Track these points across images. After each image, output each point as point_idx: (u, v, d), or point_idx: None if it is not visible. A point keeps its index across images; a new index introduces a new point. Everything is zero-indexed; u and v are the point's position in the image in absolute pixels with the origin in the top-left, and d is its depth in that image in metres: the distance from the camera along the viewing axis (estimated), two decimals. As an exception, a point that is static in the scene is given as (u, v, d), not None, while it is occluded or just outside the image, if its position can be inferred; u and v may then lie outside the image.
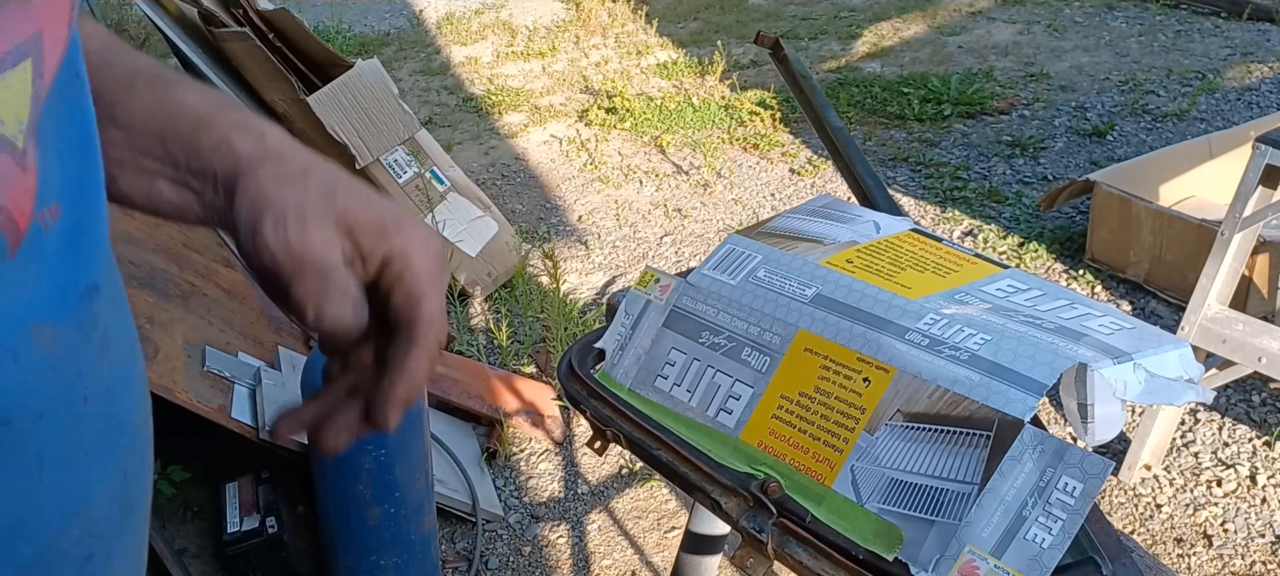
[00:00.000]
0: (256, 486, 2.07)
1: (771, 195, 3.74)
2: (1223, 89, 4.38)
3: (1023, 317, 0.68)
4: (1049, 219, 3.38)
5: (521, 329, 2.95)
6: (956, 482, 0.60)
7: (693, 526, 1.03)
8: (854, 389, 0.67)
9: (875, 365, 0.67)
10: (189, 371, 1.99)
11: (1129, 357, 0.63)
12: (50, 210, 0.44)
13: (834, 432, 0.66)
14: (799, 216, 0.86)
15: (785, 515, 0.64)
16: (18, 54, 0.41)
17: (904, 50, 5.13)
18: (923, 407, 0.64)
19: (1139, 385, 0.62)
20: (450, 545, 2.19)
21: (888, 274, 0.74)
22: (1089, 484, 0.56)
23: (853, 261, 0.77)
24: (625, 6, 5.88)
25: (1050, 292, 0.72)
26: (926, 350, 0.66)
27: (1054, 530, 0.55)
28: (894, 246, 0.79)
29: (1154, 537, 2.16)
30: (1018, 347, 0.64)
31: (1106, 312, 0.69)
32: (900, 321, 0.69)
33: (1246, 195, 2.00)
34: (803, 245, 0.80)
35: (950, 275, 0.75)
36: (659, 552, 2.17)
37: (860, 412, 0.66)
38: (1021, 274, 0.75)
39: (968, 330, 0.67)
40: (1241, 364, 2.09)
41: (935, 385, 0.64)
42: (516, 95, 4.81)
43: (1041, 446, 0.58)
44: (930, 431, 0.63)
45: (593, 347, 0.83)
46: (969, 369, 0.64)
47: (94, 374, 0.48)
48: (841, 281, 0.74)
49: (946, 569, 0.57)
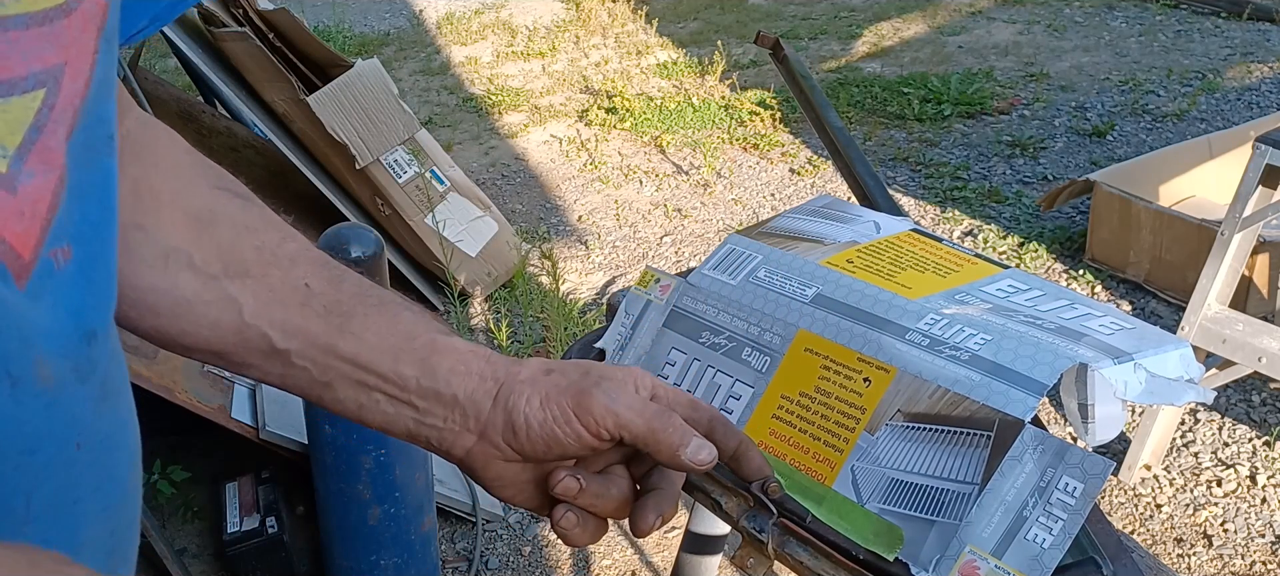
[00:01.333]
0: (256, 486, 2.07)
1: (771, 195, 3.74)
2: (1223, 89, 4.38)
3: (1023, 318, 0.68)
4: (1049, 219, 3.38)
5: (521, 329, 2.95)
6: (957, 482, 0.60)
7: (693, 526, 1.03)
8: (854, 389, 0.67)
9: (876, 365, 0.67)
10: (189, 371, 1.99)
11: (1130, 358, 0.63)
12: (63, 250, 0.44)
13: (834, 432, 0.66)
14: (799, 216, 0.86)
15: (785, 515, 0.64)
16: (33, 81, 0.41)
17: (904, 50, 5.13)
18: (923, 407, 0.64)
19: (1140, 385, 0.62)
20: (450, 545, 2.19)
21: (888, 274, 0.74)
22: (1090, 484, 0.56)
23: (853, 261, 0.77)
24: (625, 6, 5.88)
25: (1050, 293, 0.72)
26: (927, 350, 0.66)
27: (1055, 530, 0.56)
28: (894, 246, 0.79)
29: (1154, 537, 2.16)
30: (1018, 347, 0.64)
31: (1107, 313, 0.69)
32: (901, 321, 0.69)
33: (1246, 195, 2.00)
34: (803, 245, 0.80)
35: (951, 275, 0.75)
36: (659, 552, 2.17)
37: (860, 413, 0.66)
38: (1022, 274, 0.75)
39: (968, 330, 0.67)
40: (1241, 364, 2.09)
41: (936, 385, 0.64)
42: (516, 95, 4.81)
43: (1042, 446, 0.58)
44: (931, 431, 0.63)
45: (593, 347, 0.83)
46: (969, 369, 0.64)
47: (90, 422, 0.48)
48: (842, 281, 0.74)
49: (947, 569, 0.57)
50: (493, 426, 0.58)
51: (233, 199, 0.63)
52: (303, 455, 1.91)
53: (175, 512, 2.24)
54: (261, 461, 2.10)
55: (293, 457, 2.00)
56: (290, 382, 0.61)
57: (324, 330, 0.59)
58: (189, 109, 3.23)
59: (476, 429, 0.58)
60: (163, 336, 0.61)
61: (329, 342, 0.59)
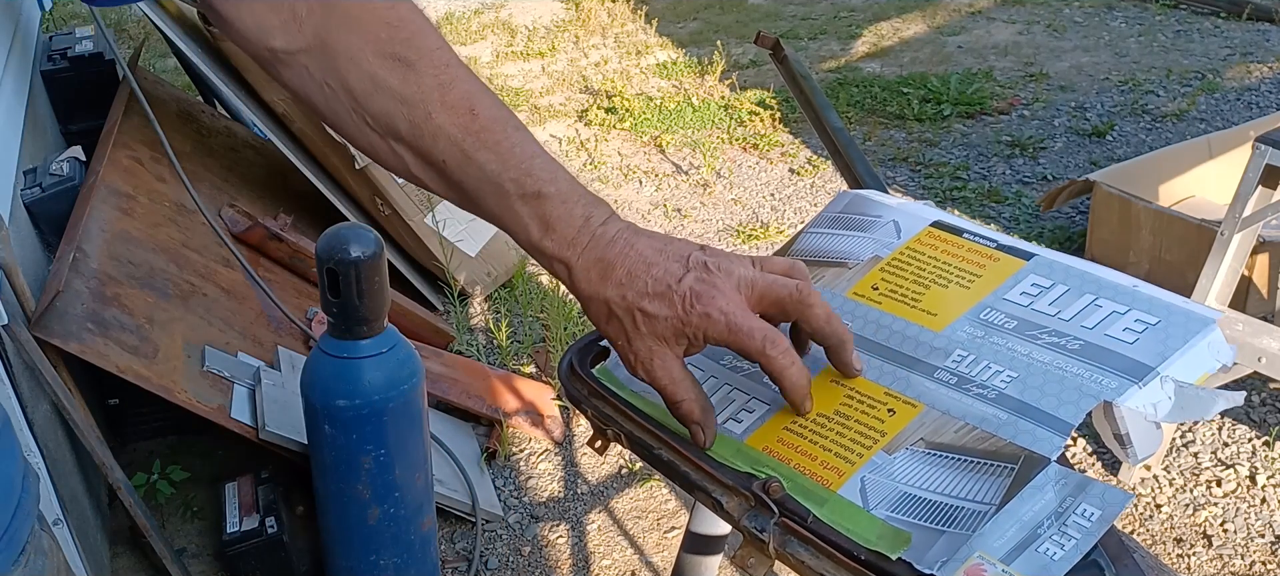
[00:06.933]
0: (256, 486, 2.07)
1: (771, 195, 3.74)
2: (1222, 89, 4.38)
3: (1048, 338, 0.68)
4: (1049, 219, 3.38)
5: (521, 329, 2.95)
6: (973, 503, 0.60)
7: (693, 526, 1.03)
8: (877, 416, 0.67)
9: (902, 399, 0.68)
10: (189, 371, 1.99)
11: (1155, 372, 0.63)
12: None
13: (848, 448, 0.66)
14: (821, 231, 0.86)
15: (787, 515, 0.64)
16: None
17: (904, 50, 5.13)
18: (947, 439, 0.64)
19: (1168, 401, 0.62)
20: (450, 545, 2.19)
21: (913, 298, 0.75)
22: (1108, 511, 0.57)
23: (878, 288, 0.77)
24: (625, 6, 5.88)
25: (1074, 287, 0.72)
26: (954, 388, 0.67)
27: (1066, 547, 0.56)
28: (917, 256, 0.79)
29: (1154, 537, 2.16)
30: (1044, 384, 0.65)
31: (1132, 304, 0.69)
32: (929, 360, 0.70)
33: (1246, 195, 2.00)
34: (829, 273, 0.81)
35: (975, 282, 0.75)
36: (659, 552, 2.17)
37: (880, 436, 0.66)
38: (1045, 263, 0.75)
39: (995, 366, 0.68)
40: (1241, 364, 2.09)
41: (962, 421, 0.65)
42: (516, 95, 4.81)
43: (1064, 480, 0.59)
44: (952, 458, 0.63)
45: (594, 346, 0.83)
46: (996, 407, 0.65)
47: None
48: (870, 317, 0.75)
49: (953, 571, 0.56)
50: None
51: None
52: (302, 455, 1.91)
53: (175, 512, 2.24)
54: (261, 461, 2.10)
55: (292, 457, 2.00)
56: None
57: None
58: (189, 109, 3.22)
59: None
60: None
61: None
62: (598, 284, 0.68)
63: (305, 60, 0.69)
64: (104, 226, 2.19)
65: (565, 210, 0.68)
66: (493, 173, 0.68)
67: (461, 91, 0.68)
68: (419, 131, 0.68)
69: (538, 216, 0.68)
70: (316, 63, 0.69)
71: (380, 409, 1.68)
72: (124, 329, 1.95)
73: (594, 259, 0.68)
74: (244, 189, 2.88)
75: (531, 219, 0.69)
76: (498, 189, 0.68)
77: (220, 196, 2.71)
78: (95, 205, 2.20)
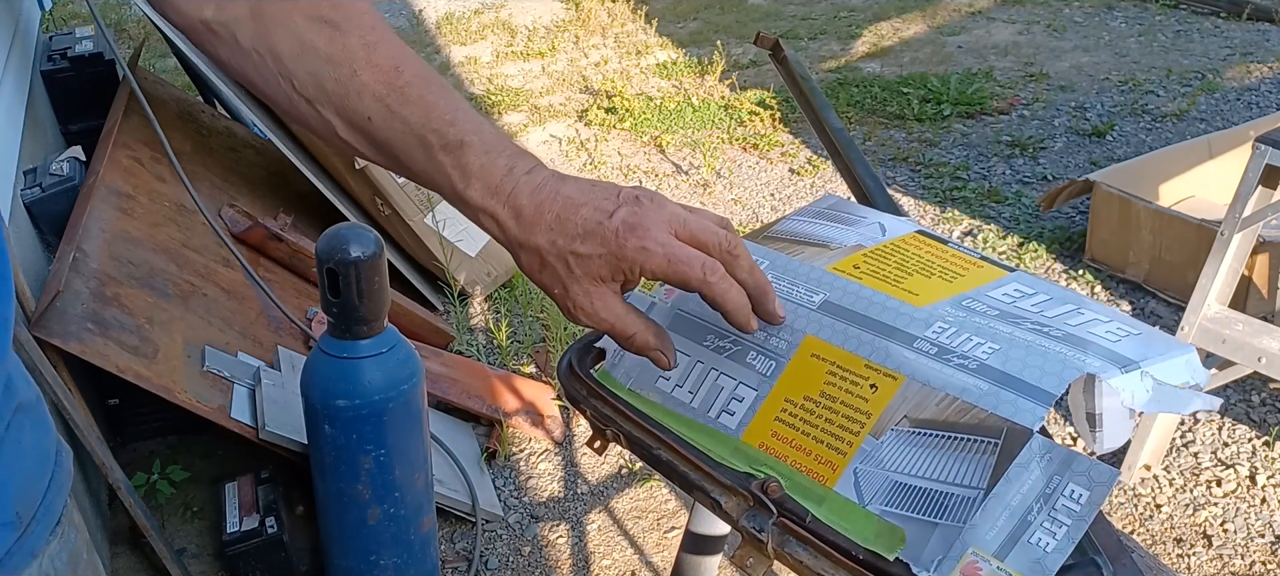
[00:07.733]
0: (256, 486, 2.07)
1: (771, 195, 3.74)
2: (1222, 89, 4.38)
3: (1030, 325, 0.68)
4: (1048, 219, 3.38)
5: (521, 329, 2.95)
6: (962, 487, 0.60)
7: (692, 526, 1.03)
8: (860, 395, 0.67)
9: (883, 372, 0.67)
10: (189, 371, 1.99)
11: (1136, 365, 0.63)
12: None
13: (838, 436, 0.66)
14: (804, 220, 0.86)
15: (785, 514, 0.64)
16: None
17: (904, 50, 5.13)
18: (930, 414, 0.64)
19: (1146, 393, 0.62)
20: (450, 545, 2.19)
21: (895, 280, 0.74)
22: (1095, 492, 0.56)
23: (860, 267, 0.76)
24: (625, 6, 5.88)
25: (1056, 297, 0.72)
26: (935, 358, 0.66)
27: (1058, 535, 0.56)
28: (900, 250, 0.79)
29: (1154, 537, 2.16)
30: (1026, 357, 0.64)
31: (1113, 318, 0.69)
32: (908, 329, 0.69)
33: (1246, 195, 2.00)
34: (809, 250, 0.80)
35: (957, 279, 0.75)
36: (659, 552, 2.17)
37: (866, 417, 0.66)
38: (1028, 277, 0.75)
39: (976, 338, 0.67)
40: (1241, 364, 2.09)
41: (943, 393, 0.64)
42: (516, 95, 4.81)
43: (1049, 455, 0.59)
44: (936, 437, 0.63)
45: (593, 347, 0.83)
46: (978, 377, 0.64)
47: None
48: (849, 288, 0.74)
49: (949, 570, 0.57)
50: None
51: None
52: (302, 455, 1.91)
53: (175, 512, 2.24)
54: (261, 461, 2.10)
55: (292, 457, 2.00)
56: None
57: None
58: (189, 109, 3.23)
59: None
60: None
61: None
62: (527, 231, 0.68)
63: (236, 29, 0.70)
64: (104, 226, 2.19)
65: (489, 160, 0.68)
66: (417, 126, 0.69)
67: (387, 52, 0.69)
68: (345, 89, 0.69)
69: (460, 167, 0.69)
70: (246, 31, 0.70)
71: (380, 409, 1.68)
72: (124, 329, 1.95)
73: (520, 205, 0.68)
74: (244, 189, 2.89)
75: (454, 169, 0.69)
76: (422, 142, 0.69)
77: (220, 196, 2.71)
78: (95, 205, 2.20)
